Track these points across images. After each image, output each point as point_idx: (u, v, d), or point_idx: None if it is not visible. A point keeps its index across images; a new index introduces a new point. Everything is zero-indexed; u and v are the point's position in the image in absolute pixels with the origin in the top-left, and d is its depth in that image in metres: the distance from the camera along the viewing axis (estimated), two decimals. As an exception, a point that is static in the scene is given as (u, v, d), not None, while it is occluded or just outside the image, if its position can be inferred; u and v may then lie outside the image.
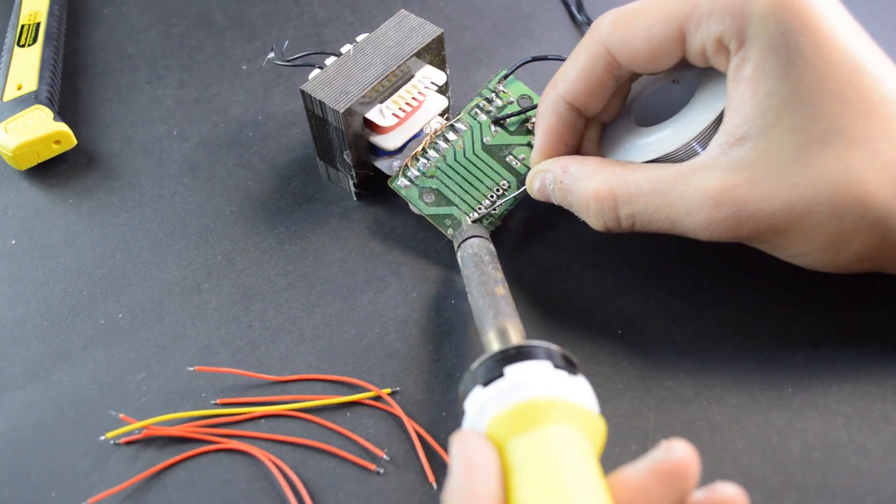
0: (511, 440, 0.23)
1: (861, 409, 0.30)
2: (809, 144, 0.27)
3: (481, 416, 0.24)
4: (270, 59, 0.38)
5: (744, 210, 0.28)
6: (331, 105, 0.34)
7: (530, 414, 0.23)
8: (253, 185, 0.40)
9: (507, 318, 0.28)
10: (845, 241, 0.28)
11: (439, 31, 0.36)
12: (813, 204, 0.27)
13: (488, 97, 0.37)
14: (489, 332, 0.28)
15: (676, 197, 0.29)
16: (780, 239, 0.29)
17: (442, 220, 0.35)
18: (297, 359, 0.33)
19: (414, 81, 0.36)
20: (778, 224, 0.28)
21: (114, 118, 0.43)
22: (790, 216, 0.28)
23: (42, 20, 0.46)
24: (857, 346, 0.32)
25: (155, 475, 0.30)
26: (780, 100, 0.27)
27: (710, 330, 0.33)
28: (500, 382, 0.24)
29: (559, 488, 0.21)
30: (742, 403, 0.31)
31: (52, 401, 0.33)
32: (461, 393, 0.26)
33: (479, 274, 0.31)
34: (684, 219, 0.29)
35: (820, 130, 0.27)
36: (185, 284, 0.36)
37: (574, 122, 0.33)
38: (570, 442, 0.22)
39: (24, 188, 0.41)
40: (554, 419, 0.23)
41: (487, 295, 0.30)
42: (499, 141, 0.36)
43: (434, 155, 0.36)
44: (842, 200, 0.27)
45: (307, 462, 0.30)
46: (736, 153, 0.28)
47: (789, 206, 0.28)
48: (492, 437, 0.24)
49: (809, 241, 0.28)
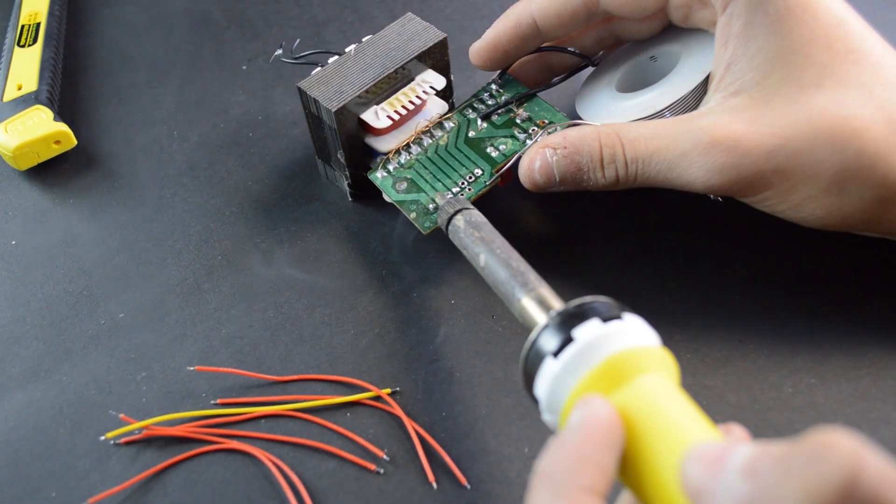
0: (610, 397, 0.22)
1: (861, 410, 0.30)
2: (803, 88, 0.28)
3: (562, 386, 0.23)
4: (278, 55, 0.38)
5: (740, 145, 0.28)
6: (324, 104, 0.34)
7: (616, 371, 0.22)
8: (253, 185, 0.40)
9: (539, 284, 0.27)
10: (848, 181, 0.28)
11: (442, 36, 0.36)
12: (811, 139, 0.28)
13: (483, 98, 0.37)
14: (523, 301, 0.27)
15: (675, 139, 0.30)
16: (782, 182, 0.29)
17: (407, 205, 0.34)
18: (297, 359, 0.33)
19: (412, 85, 0.36)
20: (778, 162, 0.28)
21: (114, 118, 0.43)
22: (789, 153, 0.28)
23: (42, 20, 0.46)
24: (857, 347, 0.32)
25: (155, 475, 0.31)
26: (771, 53, 0.28)
27: (710, 330, 0.33)
28: (572, 347, 0.23)
29: (682, 430, 0.21)
30: (742, 403, 0.31)
31: (52, 401, 0.33)
32: (527, 370, 0.24)
33: (489, 243, 0.29)
34: (681, 160, 0.29)
35: (812, 76, 0.28)
36: (185, 284, 0.36)
37: (527, 38, 0.35)
38: (665, 387, 0.22)
39: (24, 188, 0.41)
40: (640, 369, 0.22)
41: (507, 263, 0.28)
42: (483, 134, 0.36)
43: (417, 150, 0.36)
44: (839, 135, 0.28)
45: (307, 462, 0.30)
46: (732, 102, 0.29)
47: (787, 142, 0.28)
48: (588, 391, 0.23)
49: (812, 183, 0.28)
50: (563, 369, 0.23)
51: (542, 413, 0.24)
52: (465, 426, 0.31)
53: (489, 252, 0.29)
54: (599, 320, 0.23)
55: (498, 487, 0.29)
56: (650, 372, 0.23)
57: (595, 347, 0.23)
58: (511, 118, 0.36)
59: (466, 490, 0.29)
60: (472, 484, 0.29)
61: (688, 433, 0.21)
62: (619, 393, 0.22)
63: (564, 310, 0.24)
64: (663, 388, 0.22)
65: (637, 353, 0.23)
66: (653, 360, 0.23)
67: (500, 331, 0.33)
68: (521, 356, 0.25)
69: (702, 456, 0.19)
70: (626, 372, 0.22)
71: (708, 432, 0.21)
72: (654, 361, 0.23)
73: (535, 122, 0.36)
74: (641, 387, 0.22)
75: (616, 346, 0.23)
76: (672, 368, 0.24)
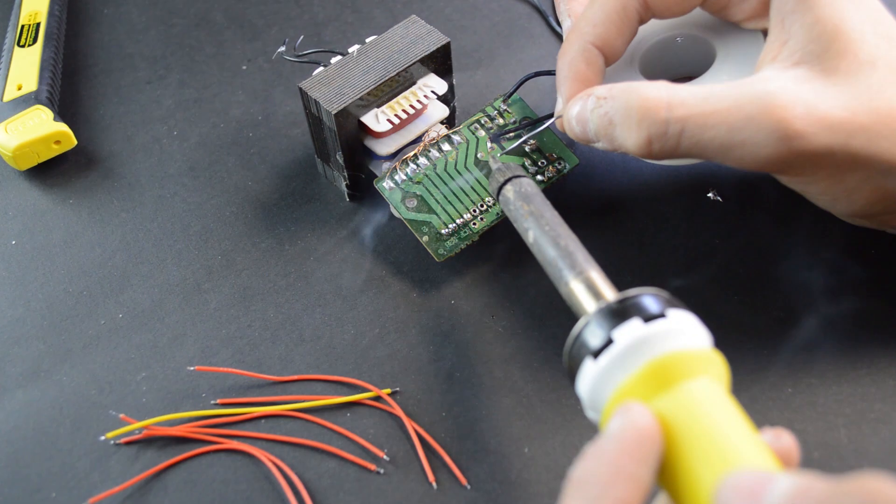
0: (653, 401, 0.22)
1: (861, 410, 0.30)
2: (861, 66, 0.28)
3: (602, 387, 0.23)
4: (280, 52, 0.38)
5: (812, 111, 0.27)
6: (324, 105, 0.34)
7: (659, 375, 0.22)
8: (253, 185, 0.40)
9: (588, 266, 0.26)
10: None
11: (445, 41, 0.36)
12: (874, 117, 0.27)
13: (491, 115, 0.37)
14: (570, 286, 0.26)
15: (735, 102, 0.27)
16: (847, 163, 0.28)
17: (419, 227, 0.34)
18: (297, 359, 0.33)
19: (414, 89, 0.36)
20: (844, 138, 0.27)
21: (114, 118, 0.43)
22: (855, 128, 0.27)
23: (42, 20, 0.46)
24: (857, 347, 0.32)
25: (155, 475, 0.31)
26: (829, 26, 0.28)
27: (710, 330, 0.33)
28: (611, 350, 0.22)
29: (727, 443, 0.20)
30: (743, 403, 0.30)
31: (52, 401, 0.33)
32: (570, 365, 0.24)
33: (538, 217, 0.28)
34: (745, 126, 0.27)
35: (867, 54, 0.28)
36: (185, 284, 0.36)
37: (601, 68, 0.32)
38: (710, 394, 0.21)
39: (24, 188, 0.41)
40: (685, 374, 0.22)
41: (556, 242, 0.27)
42: None
43: (425, 163, 0.36)
44: None
45: (307, 462, 0.30)
46: (793, 72, 0.28)
47: (853, 116, 0.27)
48: (628, 398, 0.22)
49: (871, 163, 0.28)
50: (603, 372, 0.22)
51: (586, 410, 0.24)
52: (465, 426, 0.31)
53: (538, 228, 0.28)
54: (641, 320, 0.22)
55: (498, 487, 0.29)
56: (696, 377, 0.22)
57: (636, 350, 0.22)
58: (521, 145, 0.36)
59: (466, 490, 0.29)
60: (472, 484, 0.29)
61: (729, 451, 0.20)
62: (662, 398, 0.21)
63: (607, 306, 0.23)
64: (708, 396, 0.21)
65: (681, 357, 0.22)
66: (699, 364, 0.22)
67: (500, 331, 0.33)
68: (564, 349, 0.24)
69: (739, 486, 0.19)
70: (669, 376, 0.22)
71: (751, 449, 0.20)
72: (700, 365, 0.22)
73: (544, 154, 0.36)
74: (685, 393, 0.21)
75: (658, 350, 0.22)
76: (721, 371, 0.23)
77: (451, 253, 0.34)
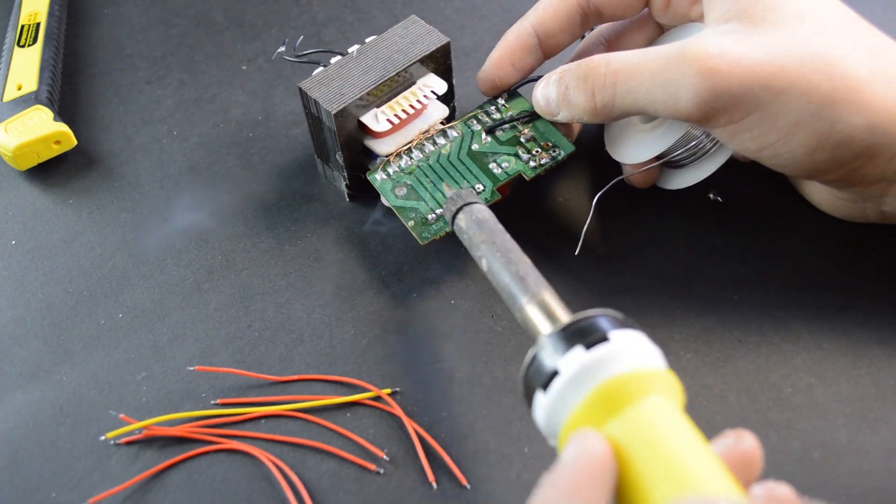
0: (604, 427, 0.22)
1: (860, 410, 0.30)
2: (787, 19, 0.29)
3: (554, 417, 0.23)
4: (280, 52, 0.38)
5: (729, 56, 0.29)
6: (324, 105, 0.34)
7: (609, 398, 0.22)
8: (253, 186, 0.40)
9: (540, 289, 0.26)
10: (836, 104, 0.28)
11: (445, 41, 0.36)
12: (799, 59, 0.29)
13: (488, 110, 0.37)
14: (525, 310, 0.26)
15: (662, 52, 0.30)
16: (772, 99, 0.28)
17: (406, 213, 0.34)
18: (297, 359, 0.33)
19: (413, 88, 0.36)
20: (768, 78, 0.28)
21: (114, 118, 0.43)
22: (778, 67, 0.28)
23: (42, 20, 0.46)
24: (857, 347, 0.32)
25: (155, 475, 0.31)
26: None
27: (710, 330, 0.33)
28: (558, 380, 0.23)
29: (678, 464, 0.20)
30: (742, 403, 0.31)
31: (52, 401, 0.33)
32: (526, 396, 0.24)
33: (491, 244, 0.29)
34: (663, 71, 0.30)
35: (794, 8, 0.30)
36: (185, 284, 0.36)
37: (530, 48, 0.36)
38: (662, 413, 0.22)
39: (24, 188, 0.41)
40: (635, 394, 0.22)
41: (512, 264, 0.27)
42: (486, 149, 0.36)
43: (419, 155, 0.36)
44: (825, 59, 0.28)
45: (307, 462, 0.30)
46: (721, 27, 0.30)
47: (776, 59, 0.29)
48: (580, 422, 0.22)
49: (801, 103, 0.28)
50: (553, 402, 0.23)
51: (547, 439, 0.24)
52: (465, 426, 0.31)
53: (490, 255, 0.28)
54: (583, 347, 0.23)
55: (498, 487, 0.29)
56: (644, 396, 0.22)
57: (580, 378, 0.22)
58: (515, 136, 0.36)
59: (466, 490, 0.29)
60: (472, 484, 0.29)
61: (678, 472, 0.20)
62: (614, 422, 0.22)
63: (553, 333, 0.23)
64: (656, 415, 0.22)
65: (627, 379, 0.22)
66: (645, 384, 0.22)
67: (500, 331, 0.33)
68: (518, 381, 0.24)
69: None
70: (618, 399, 0.22)
71: (700, 467, 0.20)
72: (648, 384, 0.22)
73: (539, 143, 0.35)
74: (634, 415, 0.22)
75: (602, 375, 0.22)
76: (671, 388, 0.23)
77: (436, 236, 0.33)
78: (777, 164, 0.30)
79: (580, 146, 0.36)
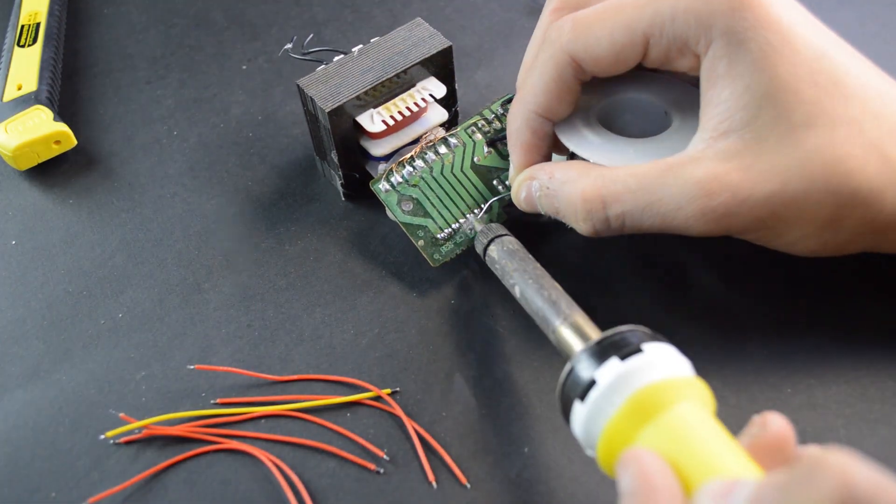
0: (639, 433, 0.23)
1: (860, 411, 0.30)
2: (794, 129, 0.28)
3: (593, 426, 0.24)
4: (287, 49, 0.38)
5: (737, 196, 0.28)
6: (320, 103, 0.34)
7: (644, 406, 0.23)
8: (253, 186, 0.40)
9: (571, 312, 0.28)
10: (843, 220, 0.28)
11: (447, 44, 0.36)
12: (807, 184, 0.28)
13: (488, 118, 0.37)
14: (558, 332, 0.27)
15: (666, 191, 0.29)
16: (779, 224, 0.29)
17: (415, 231, 0.34)
18: (297, 359, 0.33)
19: (412, 91, 0.36)
20: (774, 207, 0.28)
21: (114, 118, 0.43)
22: (786, 198, 0.28)
23: (42, 20, 0.46)
24: (856, 347, 0.32)
25: (155, 475, 0.30)
26: (759, 91, 0.28)
27: (710, 331, 0.33)
28: (595, 391, 0.24)
29: (709, 457, 0.21)
30: (742, 403, 0.31)
31: (52, 400, 0.33)
32: (563, 409, 0.25)
33: (522, 272, 0.30)
34: (676, 213, 0.29)
35: (802, 115, 0.28)
36: (185, 284, 0.36)
37: (547, 134, 0.33)
38: (693, 416, 0.23)
39: (24, 188, 0.41)
40: (667, 402, 0.23)
41: (545, 290, 0.29)
42: (489, 163, 0.36)
43: (421, 165, 0.36)
44: (834, 177, 0.28)
45: (307, 462, 0.30)
46: (722, 144, 0.28)
47: (783, 187, 0.28)
48: (616, 434, 0.23)
49: (807, 224, 0.28)
50: (591, 412, 0.24)
51: (584, 449, 0.25)
52: (465, 426, 0.31)
53: (523, 282, 0.30)
54: (618, 358, 0.24)
55: (498, 487, 0.29)
56: (677, 403, 0.23)
57: (616, 387, 0.23)
58: None
59: (466, 490, 0.29)
60: (472, 484, 0.29)
61: (708, 463, 0.21)
62: (648, 428, 0.23)
63: (588, 347, 0.25)
64: (688, 419, 0.22)
65: (660, 387, 0.23)
66: (678, 391, 0.23)
67: (500, 331, 0.33)
68: (556, 393, 0.25)
69: (712, 490, 0.20)
70: (651, 406, 0.23)
71: (732, 459, 0.21)
72: (679, 392, 0.23)
73: None
74: (670, 418, 0.22)
75: (636, 384, 0.23)
76: (702, 394, 0.24)
77: (447, 258, 0.34)
78: (790, 253, 0.31)
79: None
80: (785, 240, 0.29)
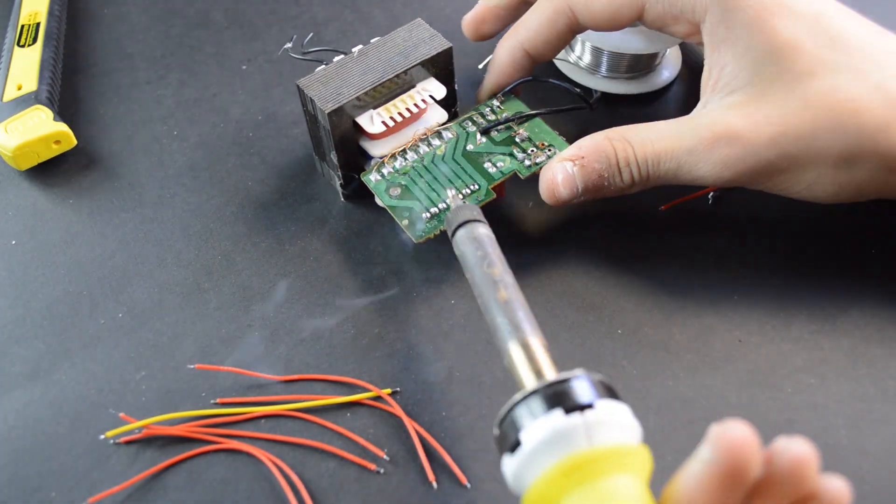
0: (565, 497, 0.21)
1: (861, 410, 0.30)
2: (797, 78, 0.29)
3: (520, 481, 0.22)
4: (287, 49, 0.38)
5: (743, 139, 0.29)
6: (319, 104, 0.34)
7: (571, 472, 0.21)
8: (253, 185, 0.40)
9: (531, 336, 0.25)
10: (854, 157, 0.29)
11: (447, 46, 0.36)
12: (811, 123, 0.29)
13: (483, 112, 0.37)
14: (511, 353, 0.25)
15: (679, 138, 0.31)
16: (791, 165, 0.30)
17: (401, 212, 0.34)
18: (297, 359, 0.33)
19: (412, 92, 0.36)
20: (782, 148, 0.29)
21: (114, 118, 0.43)
22: (791, 138, 0.29)
23: (42, 20, 0.46)
24: (857, 347, 0.32)
25: (155, 475, 0.30)
26: (759, 50, 0.30)
27: (710, 330, 0.33)
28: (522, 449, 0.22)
29: None
30: (742, 403, 0.31)
31: (52, 400, 0.33)
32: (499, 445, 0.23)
33: (480, 272, 0.28)
34: (689, 158, 0.31)
35: (803, 66, 0.29)
36: (185, 284, 0.36)
37: (524, 67, 0.36)
38: (631, 492, 0.21)
39: (24, 188, 0.41)
40: (605, 470, 0.21)
41: (505, 302, 0.26)
42: (481, 149, 0.36)
43: (413, 156, 0.36)
44: (838, 116, 0.29)
45: (307, 462, 0.30)
46: (729, 99, 0.30)
47: (787, 128, 0.29)
48: (540, 492, 0.22)
49: (819, 163, 0.29)
50: (518, 467, 0.22)
51: None
52: (465, 426, 0.31)
53: (483, 284, 0.27)
54: (563, 411, 0.22)
55: (498, 487, 0.29)
56: (612, 474, 0.21)
57: (547, 448, 0.22)
58: (511, 136, 0.36)
59: (466, 490, 0.29)
60: (472, 483, 0.29)
61: None
62: (573, 495, 0.21)
63: (534, 391, 0.23)
64: (621, 493, 0.21)
65: (598, 454, 0.21)
66: (616, 461, 0.21)
67: (500, 331, 0.33)
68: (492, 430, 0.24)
69: None
70: (585, 473, 0.21)
71: None
72: (618, 461, 0.21)
73: (534, 142, 0.35)
74: (599, 490, 0.21)
75: (574, 446, 0.21)
76: (642, 465, 0.22)
77: (430, 234, 0.33)
78: (813, 200, 0.32)
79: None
80: (802, 184, 0.30)
